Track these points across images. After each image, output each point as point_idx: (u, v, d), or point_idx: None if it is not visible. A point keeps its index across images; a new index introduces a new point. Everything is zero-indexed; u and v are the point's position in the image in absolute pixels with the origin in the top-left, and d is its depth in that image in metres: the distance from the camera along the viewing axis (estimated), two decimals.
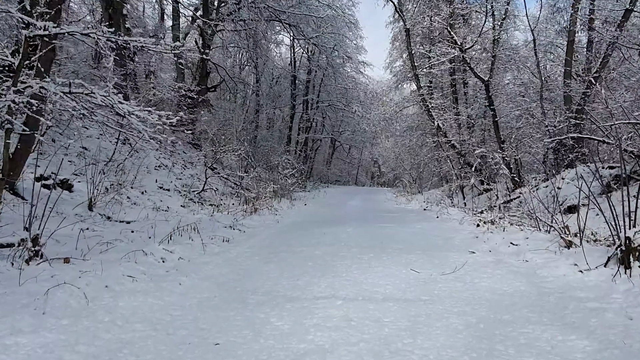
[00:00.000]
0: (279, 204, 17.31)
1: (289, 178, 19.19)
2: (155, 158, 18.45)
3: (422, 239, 8.98)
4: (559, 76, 21.97)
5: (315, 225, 11.18)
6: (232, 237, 9.17)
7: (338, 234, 9.67)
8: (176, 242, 7.81)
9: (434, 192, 24.57)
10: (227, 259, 7.22)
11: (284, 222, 12.20)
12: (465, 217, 11.76)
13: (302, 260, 7.13)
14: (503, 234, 8.74)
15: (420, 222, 12.01)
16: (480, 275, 5.90)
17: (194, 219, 12.37)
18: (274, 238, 9.38)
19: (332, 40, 24.53)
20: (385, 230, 10.29)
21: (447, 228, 10.61)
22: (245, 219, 12.10)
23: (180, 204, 15.22)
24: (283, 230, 10.62)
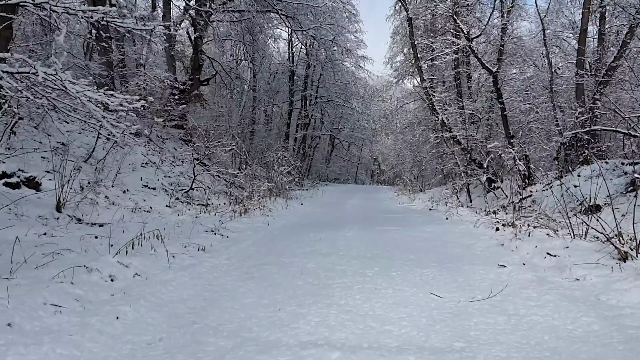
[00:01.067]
0: (274, 204, 15.70)
1: (285, 176, 17.55)
2: (143, 155, 16.85)
3: (435, 247, 7.35)
4: (567, 70, 20.36)
5: (310, 229, 9.55)
6: (211, 244, 7.54)
7: (336, 240, 8.05)
8: (138, 253, 6.18)
9: (437, 190, 22.92)
10: (197, 275, 5.59)
11: (275, 224, 10.57)
12: (479, 219, 10.13)
13: (290, 276, 5.51)
14: (532, 240, 7.10)
15: (429, 224, 10.37)
16: (525, 303, 4.27)
17: (176, 221, 10.79)
18: (261, 245, 7.75)
19: (331, 32, 22.91)
20: (390, 235, 8.65)
21: (461, 232, 8.97)
22: (232, 221, 10.49)
23: (165, 204, 13.63)
24: (273, 234, 8.98)
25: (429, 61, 19.90)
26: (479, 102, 19.44)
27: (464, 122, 19.17)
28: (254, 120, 27.32)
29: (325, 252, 6.98)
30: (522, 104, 17.40)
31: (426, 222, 10.79)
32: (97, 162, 13.77)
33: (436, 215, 12.32)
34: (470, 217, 11.65)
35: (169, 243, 7.19)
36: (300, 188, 22.47)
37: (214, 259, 6.48)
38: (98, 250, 6.36)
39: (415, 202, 18.18)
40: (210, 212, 13.02)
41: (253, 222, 10.73)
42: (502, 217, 10.85)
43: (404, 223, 10.72)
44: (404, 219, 11.84)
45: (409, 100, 27.54)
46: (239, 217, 11.85)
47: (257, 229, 9.74)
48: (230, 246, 7.51)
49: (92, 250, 6.37)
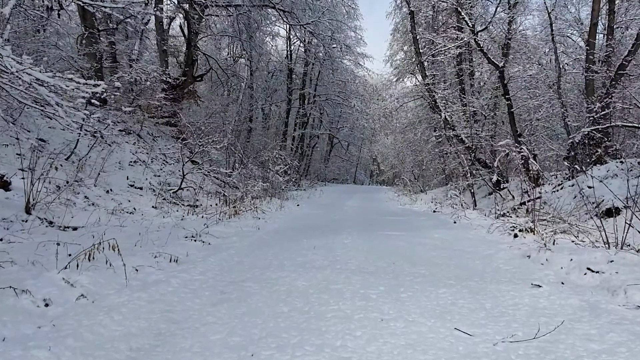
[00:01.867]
0: (268, 205, 14.50)
1: (281, 175, 16.34)
2: (132, 153, 15.65)
3: (449, 258, 6.15)
4: (573, 68, 19.19)
5: (304, 234, 8.35)
6: (188, 253, 6.34)
7: (333, 248, 6.84)
8: (93, 266, 4.99)
9: (439, 191, 21.72)
10: (158, 296, 4.39)
11: (267, 228, 9.37)
12: (492, 224, 8.94)
13: (274, 299, 4.31)
14: (562, 250, 5.90)
15: (436, 228, 9.17)
16: (587, 346, 3.07)
17: (159, 224, 9.60)
18: (246, 254, 6.54)
19: (330, 28, 21.71)
20: (394, 242, 7.45)
21: (475, 239, 7.77)
22: (219, 225, 9.30)
23: (152, 205, 12.44)
24: (262, 241, 7.78)
25: (431, 57, 18.69)
26: (483, 99, 18.24)
27: (467, 120, 17.98)
28: (251, 118, 26.13)
29: (320, 264, 5.78)
30: (527, 101, 16.21)
31: (433, 226, 9.59)
32: (80, 160, 12.63)
33: (442, 219, 11.11)
34: (480, 220, 10.46)
35: (138, 252, 6.01)
36: (297, 188, 21.27)
37: (185, 273, 5.28)
38: (47, 262, 5.16)
39: (417, 203, 16.98)
40: (199, 213, 11.86)
41: (242, 225, 9.54)
42: (516, 220, 9.66)
43: (408, 227, 9.51)
44: (408, 222, 10.64)
45: (409, 98, 26.34)
46: (228, 219, 10.66)
47: (245, 233, 8.54)
48: (210, 256, 6.30)
49: (41, 263, 5.18)
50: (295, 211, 13.29)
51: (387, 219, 11.39)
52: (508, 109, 15.95)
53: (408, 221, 10.76)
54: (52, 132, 13.59)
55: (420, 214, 12.66)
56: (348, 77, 27.61)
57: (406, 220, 10.90)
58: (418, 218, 11.40)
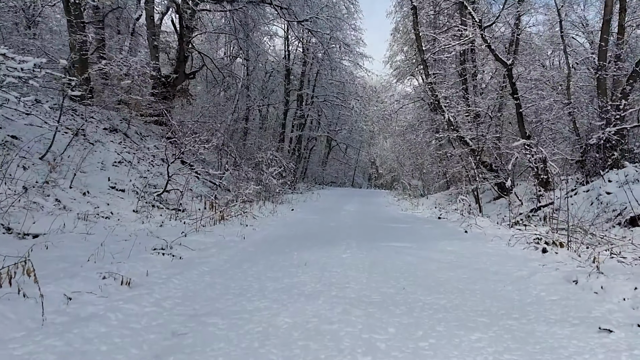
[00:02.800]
0: (261, 209, 13.18)
1: (275, 178, 14.99)
2: (117, 152, 14.32)
3: (472, 280, 4.81)
4: (578, 70, 17.94)
5: (295, 245, 7.02)
6: (149, 271, 5.00)
7: (328, 265, 5.51)
8: (6, 296, 3.65)
9: (441, 195, 20.41)
10: (77, 345, 3.04)
11: (254, 237, 8.02)
12: (510, 234, 7.61)
13: (243, 349, 2.98)
14: (614, 272, 4.58)
15: (446, 239, 7.82)
16: None
17: (132, 232, 8.28)
18: (220, 274, 5.20)
19: (328, 24, 20.40)
20: (401, 257, 6.11)
21: (495, 253, 6.42)
22: (200, 233, 7.97)
23: (132, 209, 11.10)
24: (245, 254, 6.43)
25: (434, 55, 17.40)
26: (488, 99, 16.93)
27: (472, 121, 16.68)
28: (247, 119, 24.80)
29: (311, 289, 4.44)
30: (536, 102, 14.92)
31: (442, 236, 8.25)
32: (55, 160, 11.30)
33: (450, 227, 9.77)
34: (493, 229, 9.13)
35: (84, 271, 4.68)
36: (293, 191, 19.92)
37: (134, 302, 3.94)
38: None
39: (420, 208, 15.64)
40: (183, 218, 10.55)
41: (227, 233, 8.19)
42: (535, 230, 8.33)
43: (414, 237, 8.17)
44: (413, 230, 9.30)
45: (409, 100, 25.04)
46: (212, 226, 9.33)
47: (226, 244, 7.19)
48: (175, 275, 4.96)
49: None
50: (288, 216, 11.95)
51: (389, 226, 10.04)
52: (516, 109, 14.66)
53: (413, 229, 9.41)
54: (27, 129, 12.25)
55: (424, 221, 11.32)
56: (347, 78, 26.28)
57: (410, 228, 9.56)
58: (423, 225, 10.06)
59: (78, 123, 14.45)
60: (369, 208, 15.93)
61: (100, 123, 15.63)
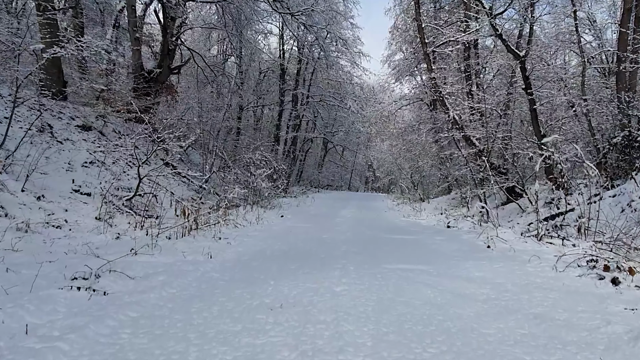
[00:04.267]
0: (246, 215, 11.25)
1: (264, 180, 13.06)
2: (89, 152, 12.39)
3: (541, 344, 2.89)
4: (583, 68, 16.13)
5: (274, 268, 5.10)
6: (36, 324, 3.07)
7: (313, 311, 3.60)
8: None
9: (443, 200, 18.51)
10: None
11: (224, 255, 6.08)
12: (556, 255, 5.70)
13: None
14: None
15: (469, 257, 5.91)
16: None
17: (75, 246, 6.38)
18: (147, 327, 3.27)
19: (325, 19, 18.55)
20: (419, 292, 4.20)
21: (548, 285, 4.51)
22: (156, 250, 6.04)
23: (95, 215, 9.20)
24: (201, 286, 4.50)
25: (437, 49, 15.54)
26: (496, 96, 15.05)
27: (479, 120, 14.80)
28: (240, 119, 22.84)
29: None
30: (551, 99, 13.10)
31: (461, 254, 6.33)
32: (7, 158, 9.44)
33: (467, 240, 7.84)
34: (520, 243, 7.22)
35: None
36: (285, 195, 17.98)
37: None
38: None
39: (423, 214, 13.72)
40: (150, 228, 8.62)
41: (193, 249, 6.27)
42: (579, 246, 6.43)
43: (427, 254, 6.26)
44: (422, 244, 7.37)
45: (408, 100, 23.19)
46: (178, 238, 7.41)
47: (184, 267, 5.25)
48: (73, 331, 3.03)
49: None
50: (276, 225, 10.02)
51: (393, 238, 8.12)
52: (530, 105, 12.80)
53: (422, 242, 7.49)
54: None
55: (433, 231, 9.39)
56: (344, 77, 24.41)
57: (419, 241, 7.63)
58: (433, 237, 8.13)
59: (45, 119, 12.56)
60: (367, 214, 14.01)
61: (72, 120, 13.70)
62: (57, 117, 13.19)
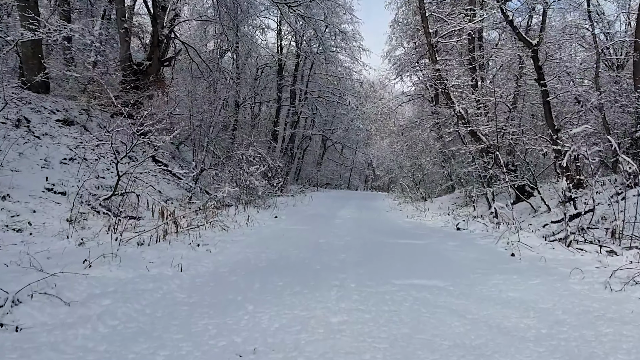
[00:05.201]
0: (237, 216, 10.10)
1: (257, 178, 11.89)
2: (70, 148, 11.21)
3: None
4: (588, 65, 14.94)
5: (256, 286, 3.96)
6: None
7: (299, 354, 2.44)
8: None
9: (446, 199, 17.35)
10: None
11: (198, 268, 4.92)
12: (599, 263, 4.56)
13: None
14: None
15: (495, 270, 4.76)
16: None
17: (26, 254, 5.21)
18: None
19: (323, 10, 17.37)
20: (442, 324, 3.06)
21: (610, 313, 3.36)
22: (116, 260, 4.89)
23: (67, 217, 8.07)
24: (156, 314, 3.34)
25: (442, 39, 14.37)
26: (505, 88, 13.87)
27: (486, 114, 13.63)
28: (236, 114, 21.65)
29: None
30: (567, 90, 11.96)
31: (483, 264, 5.17)
32: None
33: (484, 245, 6.67)
34: (547, 250, 6.07)
35: None
36: (282, 194, 16.80)
37: None
38: None
39: (428, 215, 12.57)
40: (125, 231, 7.49)
41: (163, 259, 5.12)
42: (621, 254, 5.29)
43: (443, 265, 5.11)
44: (434, 251, 6.21)
45: (409, 97, 22.03)
46: (150, 245, 6.26)
47: (142, 286, 4.10)
48: None
49: None
50: (268, 227, 8.85)
51: (400, 243, 6.96)
52: (543, 97, 11.62)
53: (434, 249, 6.33)
54: None
55: (443, 234, 8.22)
56: (343, 73, 23.22)
57: (430, 248, 6.47)
58: (446, 242, 6.97)
59: (23, 113, 11.42)
60: (368, 214, 12.85)
61: (53, 113, 12.54)
62: (36, 110, 12.02)
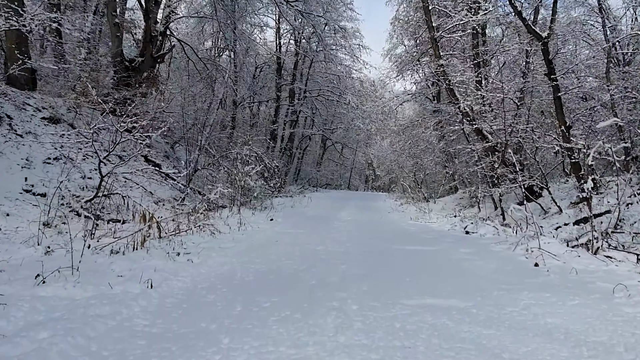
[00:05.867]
0: (230, 218, 9.30)
1: (252, 178, 11.09)
2: (55, 147, 10.43)
3: None
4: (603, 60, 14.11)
5: (237, 309, 3.18)
6: None
7: None
8: None
9: (450, 200, 16.55)
10: None
11: (169, 285, 4.10)
12: None
13: None
14: None
15: (522, 286, 3.95)
16: None
17: None
18: None
19: (322, 6, 16.58)
20: None
21: None
22: (73, 276, 4.07)
23: (44, 221, 7.28)
24: (98, 355, 2.53)
25: (445, 33, 13.57)
26: (513, 84, 13.05)
27: (492, 111, 12.82)
28: (234, 114, 20.87)
29: None
30: (580, 85, 11.16)
31: (505, 277, 4.37)
32: None
33: (500, 252, 5.87)
34: (572, 258, 5.27)
35: None
36: (279, 195, 15.99)
37: None
38: None
39: (432, 217, 11.76)
40: (100, 237, 6.74)
41: (134, 272, 4.33)
42: None
43: (458, 279, 4.30)
44: (446, 261, 5.40)
45: (411, 94, 21.22)
46: (125, 253, 5.47)
47: (97, 310, 3.30)
48: None
49: None
50: (261, 231, 8.03)
51: (406, 250, 6.15)
52: (554, 92, 10.80)
53: (446, 258, 5.52)
54: None
55: (453, 239, 7.40)
56: (343, 71, 22.42)
57: (441, 256, 5.67)
58: (457, 249, 6.16)
59: (5, 110, 10.65)
60: (369, 216, 12.05)
61: (38, 111, 11.76)
62: (19, 107, 11.25)
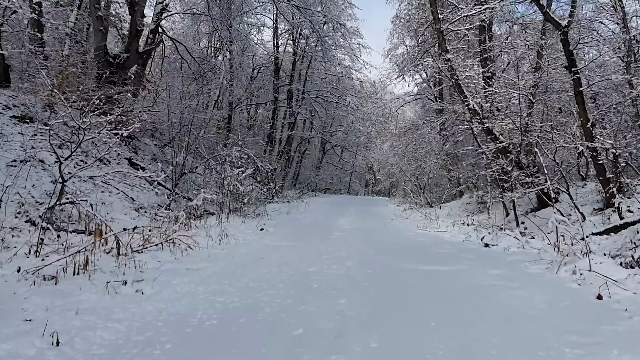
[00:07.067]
0: (212, 229, 7.97)
1: (243, 184, 9.76)
2: (24, 149, 9.02)
3: None
4: None
5: None
6: None
7: None
8: None
9: (456, 205, 15.20)
10: None
11: (87, 342, 2.74)
12: None
13: None
14: None
15: (599, 338, 2.60)
16: None
17: None
18: None
19: (321, 2, 15.34)
20: None
21: None
22: None
23: None
24: None
25: (452, 27, 12.29)
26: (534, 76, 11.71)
27: (504, 109, 11.52)
28: (230, 116, 19.56)
29: None
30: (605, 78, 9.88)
31: (567, 321, 3.03)
32: None
33: (542, 276, 4.53)
34: (634, 282, 3.94)
35: None
36: (274, 200, 14.64)
37: None
38: None
39: (441, 224, 10.40)
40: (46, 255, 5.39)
41: (47, 316, 3.00)
42: None
43: (502, 326, 2.96)
44: (476, 289, 4.06)
45: (413, 95, 19.95)
46: (58, 281, 4.15)
47: None
48: None
49: None
50: (246, 245, 6.69)
51: (421, 272, 4.81)
52: (575, 87, 9.47)
53: (473, 284, 4.18)
54: None
55: (474, 255, 6.03)
56: (342, 72, 21.16)
57: (465, 279, 4.33)
58: (484, 270, 4.82)
59: None
60: (371, 224, 10.70)
61: (7, 109, 10.45)
62: None
